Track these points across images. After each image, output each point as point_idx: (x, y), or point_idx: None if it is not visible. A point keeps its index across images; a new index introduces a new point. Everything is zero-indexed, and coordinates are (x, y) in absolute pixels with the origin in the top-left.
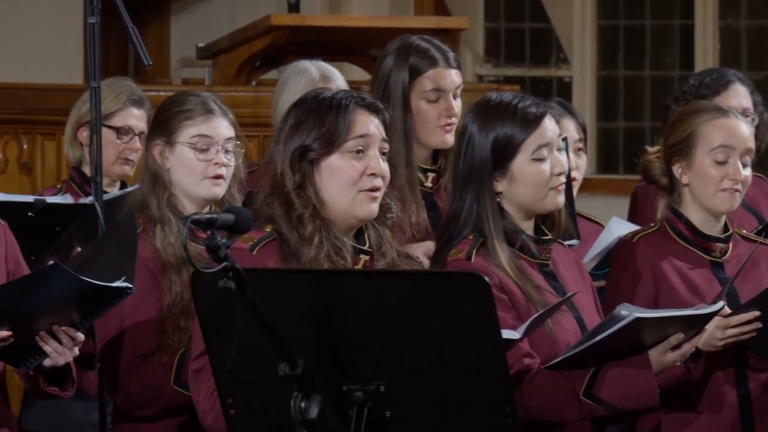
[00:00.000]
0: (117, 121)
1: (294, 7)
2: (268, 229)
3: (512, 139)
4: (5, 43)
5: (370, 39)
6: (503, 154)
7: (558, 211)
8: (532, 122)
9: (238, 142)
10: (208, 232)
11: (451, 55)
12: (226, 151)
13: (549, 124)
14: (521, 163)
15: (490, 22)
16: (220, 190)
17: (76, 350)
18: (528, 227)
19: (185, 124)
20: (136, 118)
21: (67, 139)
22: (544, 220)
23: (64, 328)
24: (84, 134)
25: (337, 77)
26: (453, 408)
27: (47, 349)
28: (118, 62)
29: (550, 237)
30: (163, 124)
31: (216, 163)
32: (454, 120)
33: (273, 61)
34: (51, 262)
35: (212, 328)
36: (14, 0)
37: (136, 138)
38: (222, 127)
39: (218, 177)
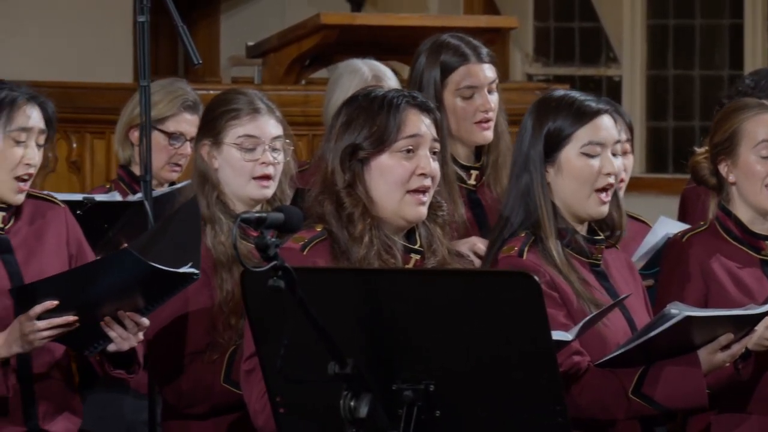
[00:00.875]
0: (169, 126)
1: (356, 6)
2: (318, 229)
3: (564, 129)
4: (55, 42)
5: (419, 38)
6: (554, 142)
7: (618, 215)
8: (586, 115)
9: (287, 140)
10: (258, 231)
11: (483, 50)
12: (274, 150)
13: (605, 123)
14: (569, 154)
15: (539, 22)
16: (268, 190)
17: (141, 335)
18: (582, 228)
19: (231, 124)
20: (189, 124)
21: (118, 139)
22: (600, 223)
23: (128, 313)
24: (135, 135)
25: (389, 76)
26: (502, 407)
27: (112, 334)
28: (167, 61)
29: (602, 237)
30: (211, 125)
31: (263, 163)
32: (491, 115)
33: (322, 59)
34: (123, 246)
35: (262, 327)
36: None
37: (188, 144)
38: (269, 126)
39: (265, 177)
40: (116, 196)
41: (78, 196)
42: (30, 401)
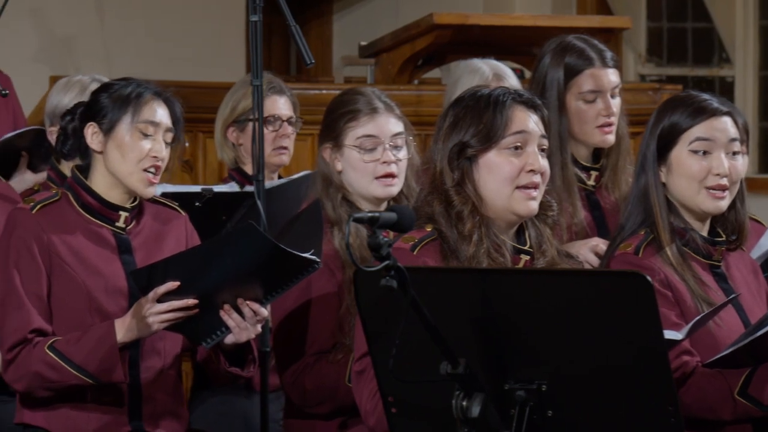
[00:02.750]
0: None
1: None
2: (428, 229)
3: (676, 126)
4: (168, 41)
5: (532, 38)
6: (667, 141)
7: (740, 217)
8: (702, 113)
9: (410, 137)
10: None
11: (608, 54)
12: (395, 147)
13: (721, 124)
14: (679, 152)
15: (652, 22)
16: (393, 188)
17: (259, 327)
18: (702, 228)
19: (350, 126)
20: (278, 105)
21: (218, 143)
22: (725, 225)
23: (248, 302)
24: (234, 134)
25: (509, 75)
26: (615, 407)
27: (230, 323)
28: (280, 60)
29: (723, 239)
30: (330, 127)
31: (384, 162)
32: (613, 119)
33: (435, 59)
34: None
35: (374, 327)
36: None
37: (285, 124)
38: (388, 124)
39: (389, 175)
40: (234, 187)
41: (196, 188)
42: (137, 401)
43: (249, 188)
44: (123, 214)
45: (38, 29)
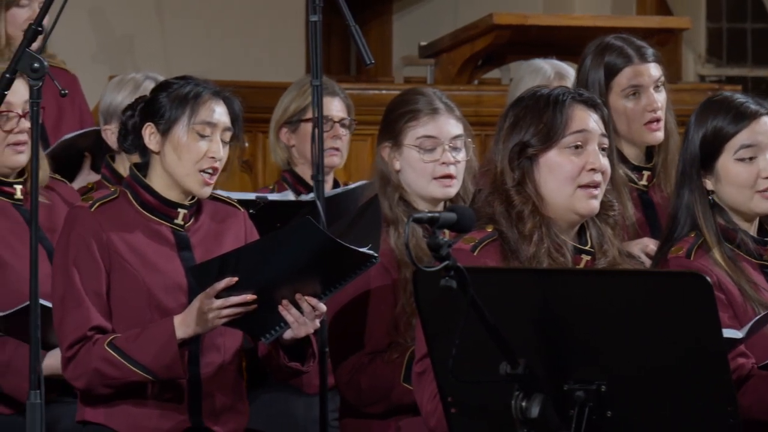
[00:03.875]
0: (311, 113)
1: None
2: (489, 230)
3: (719, 135)
4: (227, 41)
5: (592, 38)
6: (710, 150)
7: None
8: (742, 119)
9: (469, 139)
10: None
11: (648, 50)
12: (454, 149)
13: (762, 126)
14: (725, 161)
15: (712, 22)
16: (451, 189)
17: (317, 322)
18: (751, 227)
19: (410, 126)
20: (332, 106)
21: (272, 145)
22: None
23: (306, 297)
24: (286, 135)
25: (571, 75)
26: (674, 408)
27: (289, 318)
28: (339, 61)
29: None
30: (390, 126)
31: (443, 163)
32: (659, 114)
33: (495, 60)
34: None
35: (433, 327)
36: None
37: (336, 125)
38: (448, 126)
39: (447, 177)
40: (289, 195)
41: (251, 195)
42: (196, 397)
43: (304, 197)
44: (182, 212)
45: (98, 29)
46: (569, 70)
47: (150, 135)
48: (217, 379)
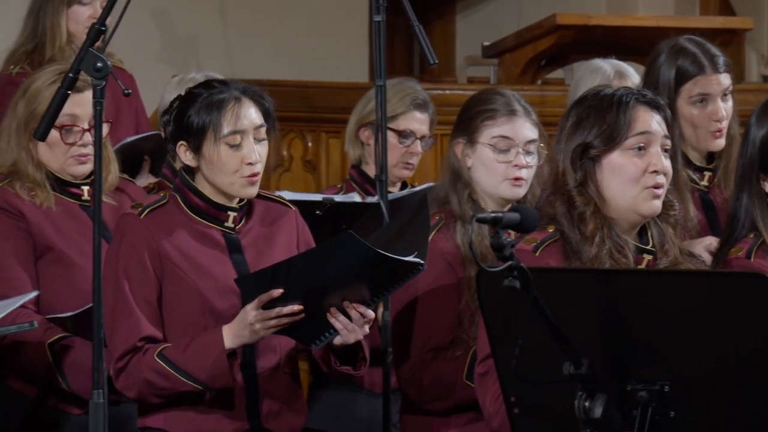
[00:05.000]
0: (400, 124)
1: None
2: (550, 230)
3: None
4: (292, 41)
5: (656, 39)
6: None
7: None
8: None
9: (542, 144)
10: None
11: (720, 59)
12: (527, 153)
13: None
14: None
15: None
16: (520, 191)
17: (366, 328)
18: None
19: (487, 124)
20: (419, 122)
21: (349, 138)
22: None
23: (354, 304)
24: (365, 134)
25: (631, 74)
26: (737, 408)
27: (337, 325)
28: (403, 60)
29: None
30: (466, 123)
31: (515, 165)
32: (724, 124)
33: (558, 60)
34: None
35: (496, 327)
36: None
37: (418, 142)
38: (524, 129)
39: (518, 179)
40: (355, 197)
41: (317, 197)
42: (254, 399)
43: (370, 199)
44: (231, 214)
45: (161, 29)
46: (629, 70)
47: (185, 153)
48: (274, 381)
